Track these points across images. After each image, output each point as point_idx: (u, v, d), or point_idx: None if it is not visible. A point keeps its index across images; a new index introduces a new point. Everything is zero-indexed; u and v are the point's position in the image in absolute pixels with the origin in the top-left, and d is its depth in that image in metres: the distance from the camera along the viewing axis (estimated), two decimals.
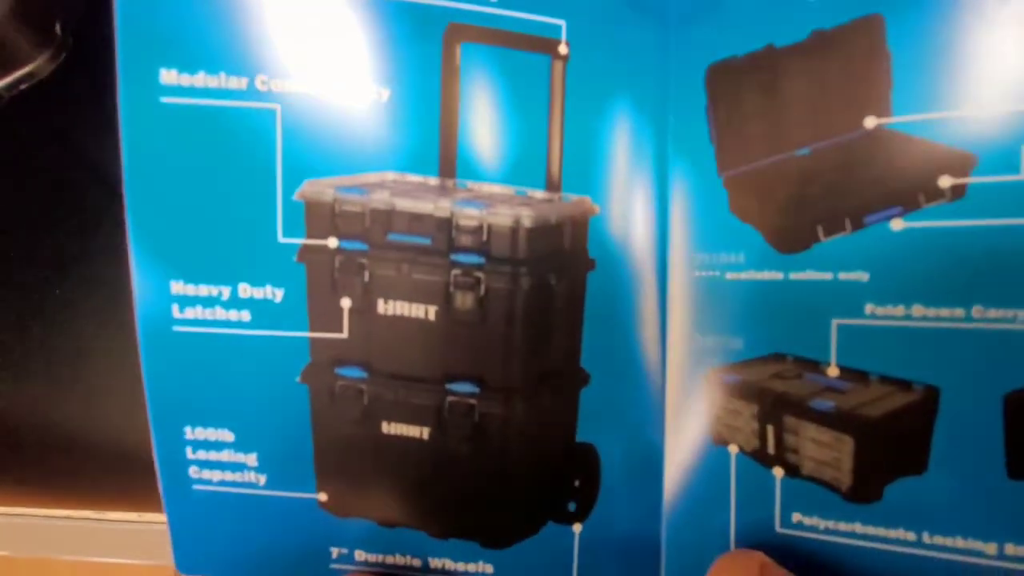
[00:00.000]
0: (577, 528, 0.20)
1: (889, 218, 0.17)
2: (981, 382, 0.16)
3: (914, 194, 0.17)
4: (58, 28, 0.25)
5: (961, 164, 0.16)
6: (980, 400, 0.16)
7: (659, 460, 0.21)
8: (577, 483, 0.20)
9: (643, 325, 0.20)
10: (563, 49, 0.19)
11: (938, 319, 0.17)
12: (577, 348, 0.20)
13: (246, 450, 0.19)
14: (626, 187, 0.20)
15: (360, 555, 0.20)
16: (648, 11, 0.20)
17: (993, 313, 0.16)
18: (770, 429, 0.19)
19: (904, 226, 0.17)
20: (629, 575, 0.20)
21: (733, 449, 0.20)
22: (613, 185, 0.20)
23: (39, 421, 0.28)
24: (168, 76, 0.18)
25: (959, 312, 0.16)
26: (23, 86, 0.25)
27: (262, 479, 0.20)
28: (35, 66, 0.25)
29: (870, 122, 0.17)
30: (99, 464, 0.27)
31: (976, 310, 0.16)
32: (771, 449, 0.19)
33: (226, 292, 0.19)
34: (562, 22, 0.19)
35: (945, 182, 0.16)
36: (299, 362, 0.19)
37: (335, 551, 0.20)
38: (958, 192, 0.16)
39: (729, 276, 0.20)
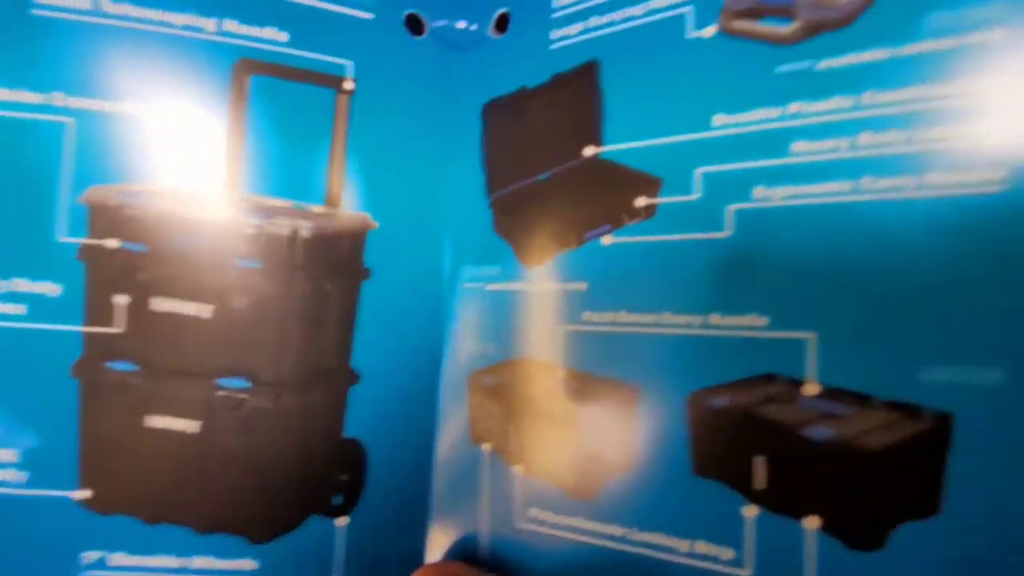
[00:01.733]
0: (342, 521, 0.21)
1: (602, 235, 0.19)
2: (670, 383, 0.18)
3: (619, 213, 0.19)
4: None
5: (651, 187, 0.19)
6: (671, 400, 0.18)
7: (429, 456, 0.22)
8: (344, 477, 0.21)
9: (417, 331, 0.22)
10: (348, 84, 0.22)
11: (637, 324, 0.19)
12: (347, 349, 0.22)
13: (7, 446, 0.20)
14: (408, 206, 0.22)
15: (118, 559, 0.20)
16: (432, 61, 0.23)
17: (678, 319, 0.18)
18: (511, 429, 0.21)
19: (612, 241, 0.19)
20: (393, 565, 0.21)
21: (486, 447, 0.21)
22: (396, 203, 0.22)
23: None
24: None
25: (651, 318, 0.18)
26: None
27: (23, 477, 0.20)
28: None
29: (588, 151, 0.20)
30: None
31: (665, 316, 0.18)
32: (513, 448, 0.21)
33: (2, 286, 0.20)
34: (349, 62, 0.22)
35: (640, 202, 0.19)
36: (72, 356, 0.20)
37: (86, 556, 0.20)
38: (650, 211, 0.19)
39: (489, 288, 0.21)
